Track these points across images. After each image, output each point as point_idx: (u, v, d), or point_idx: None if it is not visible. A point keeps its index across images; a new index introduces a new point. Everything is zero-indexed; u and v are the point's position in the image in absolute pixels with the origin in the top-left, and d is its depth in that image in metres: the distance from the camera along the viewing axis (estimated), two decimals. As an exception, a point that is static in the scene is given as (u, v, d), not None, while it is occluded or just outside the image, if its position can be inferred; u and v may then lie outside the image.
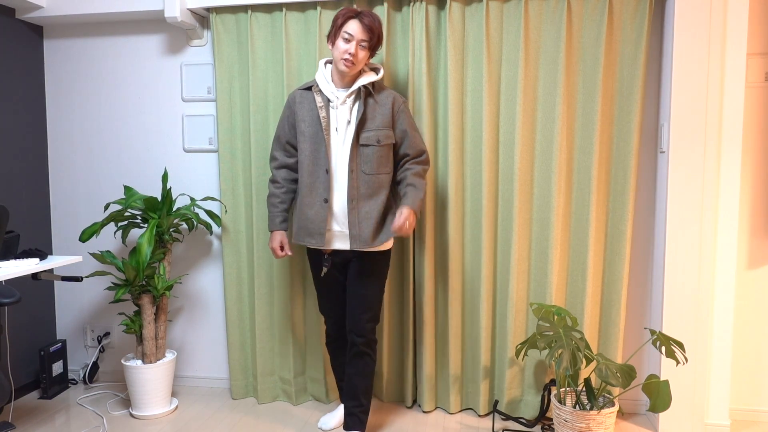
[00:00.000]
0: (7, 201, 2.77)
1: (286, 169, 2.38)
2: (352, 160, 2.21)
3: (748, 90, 2.46)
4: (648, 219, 2.57)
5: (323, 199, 2.24)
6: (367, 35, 2.16)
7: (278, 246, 2.38)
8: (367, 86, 2.24)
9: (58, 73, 2.98)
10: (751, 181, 2.50)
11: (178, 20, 2.59)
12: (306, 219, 2.27)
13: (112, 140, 2.96)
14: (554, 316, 2.35)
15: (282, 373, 2.80)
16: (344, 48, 2.16)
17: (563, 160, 2.47)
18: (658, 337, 2.19)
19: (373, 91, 2.26)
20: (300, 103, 2.30)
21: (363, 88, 2.24)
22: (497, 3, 2.47)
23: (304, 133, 2.27)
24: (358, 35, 2.15)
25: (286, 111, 2.35)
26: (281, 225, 2.38)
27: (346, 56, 2.15)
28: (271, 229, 2.39)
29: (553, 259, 2.50)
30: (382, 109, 2.25)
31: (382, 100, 2.26)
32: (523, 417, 2.60)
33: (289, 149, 2.36)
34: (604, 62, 2.42)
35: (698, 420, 2.42)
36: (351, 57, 2.15)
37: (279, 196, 2.38)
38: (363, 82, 2.23)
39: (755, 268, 2.52)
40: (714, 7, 2.30)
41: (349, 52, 2.15)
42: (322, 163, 2.24)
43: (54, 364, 2.91)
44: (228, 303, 2.79)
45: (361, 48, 2.17)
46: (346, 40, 2.16)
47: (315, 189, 2.26)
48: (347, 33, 2.16)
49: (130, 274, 2.55)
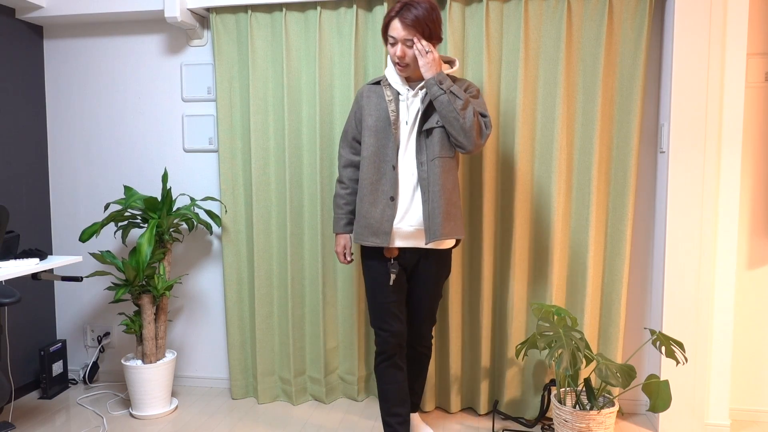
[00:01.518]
0: (7, 201, 2.77)
1: (351, 168, 2.22)
2: (420, 151, 2.06)
3: (748, 90, 2.46)
4: (648, 219, 2.57)
5: (389, 197, 2.08)
6: (412, 32, 1.98)
7: (342, 250, 2.25)
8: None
9: (58, 73, 2.98)
10: (751, 181, 2.49)
11: (178, 20, 2.59)
12: (370, 218, 2.09)
13: (112, 140, 2.96)
14: (554, 316, 2.35)
15: (282, 373, 2.80)
16: (392, 53, 2.04)
17: (563, 160, 2.47)
18: (658, 337, 2.19)
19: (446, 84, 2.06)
20: (368, 98, 2.15)
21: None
22: (497, 3, 2.47)
23: (370, 128, 2.12)
24: (401, 35, 1.99)
25: (354, 106, 2.21)
26: (346, 228, 2.23)
27: (396, 60, 2.04)
28: (336, 231, 2.25)
29: (553, 259, 2.50)
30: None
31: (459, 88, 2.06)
32: (523, 417, 2.60)
33: (355, 146, 2.21)
34: (604, 62, 2.42)
35: (698, 420, 2.42)
36: (399, 60, 2.03)
37: (344, 197, 2.23)
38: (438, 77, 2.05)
39: (755, 268, 2.52)
40: (714, 7, 2.30)
41: (397, 56, 2.02)
42: (389, 158, 2.08)
43: (54, 364, 2.91)
44: (228, 303, 2.79)
45: (408, 45, 2.01)
46: (391, 44, 2.04)
47: (380, 186, 2.09)
48: (391, 36, 2.03)
49: (130, 274, 2.55)
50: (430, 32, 2.01)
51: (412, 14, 1.97)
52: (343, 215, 2.24)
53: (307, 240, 2.72)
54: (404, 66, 2.05)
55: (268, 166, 2.72)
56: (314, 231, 2.70)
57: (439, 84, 1.99)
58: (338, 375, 2.81)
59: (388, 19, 2.04)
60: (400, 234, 2.10)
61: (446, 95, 1.98)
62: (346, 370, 2.78)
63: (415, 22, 1.97)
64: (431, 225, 2.04)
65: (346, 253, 2.27)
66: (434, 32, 2.02)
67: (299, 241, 2.72)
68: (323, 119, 2.63)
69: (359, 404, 2.77)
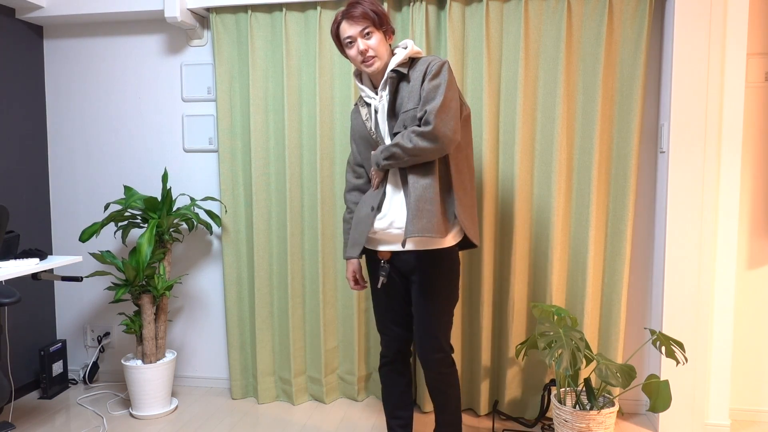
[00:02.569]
0: (7, 201, 2.77)
1: (356, 191, 2.12)
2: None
3: (748, 90, 2.46)
4: (648, 219, 2.57)
5: (371, 207, 1.97)
6: (364, 23, 1.89)
7: (352, 276, 2.12)
8: (396, 70, 1.91)
9: (58, 73, 2.98)
10: (751, 181, 2.49)
11: (178, 20, 2.59)
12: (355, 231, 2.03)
13: (112, 140, 2.96)
14: (554, 316, 2.35)
15: (282, 373, 2.80)
16: (354, 54, 1.92)
17: (563, 160, 2.47)
18: (658, 337, 2.19)
19: (407, 72, 1.92)
20: (355, 119, 2.06)
21: (393, 73, 1.91)
22: (497, 3, 2.47)
23: (361, 152, 2.07)
24: (356, 31, 1.89)
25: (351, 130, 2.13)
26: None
27: (362, 58, 1.90)
28: (345, 257, 2.10)
29: (553, 259, 2.50)
30: (413, 85, 1.89)
31: (415, 76, 1.90)
32: (523, 417, 2.60)
33: (357, 170, 2.12)
34: (604, 62, 2.42)
35: (698, 420, 2.42)
36: (364, 55, 1.90)
37: (349, 222, 2.13)
38: (390, 68, 1.91)
39: (755, 268, 2.52)
40: (714, 7, 2.30)
41: (361, 52, 1.89)
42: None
43: (54, 364, 2.91)
44: (228, 303, 2.79)
45: (367, 37, 1.89)
46: (349, 45, 1.92)
47: (365, 201, 2.02)
48: (346, 38, 1.91)
49: (130, 274, 2.55)
50: (380, 20, 1.91)
51: (357, 9, 1.89)
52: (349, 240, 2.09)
53: (307, 240, 2.72)
54: (372, 60, 1.90)
55: (268, 166, 2.72)
56: (314, 231, 2.70)
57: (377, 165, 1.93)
58: (338, 375, 2.81)
59: (335, 26, 1.95)
60: (389, 238, 1.96)
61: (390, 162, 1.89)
62: (346, 370, 2.78)
63: (364, 14, 1.89)
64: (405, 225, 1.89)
65: (357, 278, 2.13)
66: (384, 20, 1.92)
67: (299, 241, 2.72)
68: (323, 119, 2.63)
69: (359, 404, 2.77)
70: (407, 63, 1.94)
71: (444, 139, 1.83)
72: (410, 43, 1.95)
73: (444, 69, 1.87)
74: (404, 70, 1.91)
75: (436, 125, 1.82)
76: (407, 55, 1.92)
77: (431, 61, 1.89)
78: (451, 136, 1.84)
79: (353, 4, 1.91)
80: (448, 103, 1.84)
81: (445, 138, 1.83)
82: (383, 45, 1.92)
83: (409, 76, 1.91)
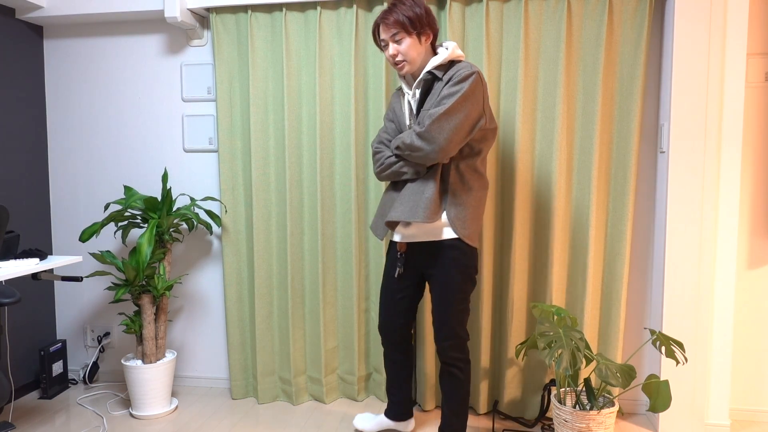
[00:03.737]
0: (7, 201, 2.77)
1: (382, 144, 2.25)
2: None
3: (748, 90, 2.46)
4: (648, 219, 2.57)
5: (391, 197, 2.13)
6: (394, 28, 1.99)
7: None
8: (432, 72, 2.01)
9: (58, 73, 2.98)
10: (751, 181, 2.49)
11: (178, 20, 2.59)
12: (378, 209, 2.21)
13: (112, 140, 2.96)
14: (554, 316, 2.35)
15: (282, 373, 2.80)
16: (387, 56, 2.05)
17: (563, 160, 2.47)
18: (658, 337, 2.19)
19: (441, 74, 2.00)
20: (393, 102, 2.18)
21: (427, 75, 2.01)
22: (497, 3, 2.47)
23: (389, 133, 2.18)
24: (388, 35, 2.01)
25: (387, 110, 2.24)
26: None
27: (394, 61, 2.04)
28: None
29: (553, 259, 2.50)
30: (440, 87, 1.98)
31: (445, 79, 1.98)
32: (523, 417, 2.60)
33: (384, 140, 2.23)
34: (604, 62, 2.42)
35: (698, 420, 2.42)
36: (394, 59, 2.03)
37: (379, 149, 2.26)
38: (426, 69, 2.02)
39: (755, 268, 2.52)
40: (714, 7, 2.30)
41: (391, 55, 2.03)
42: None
43: (54, 364, 2.91)
44: (228, 303, 2.79)
45: (398, 42, 2.00)
46: (384, 47, 2.06)
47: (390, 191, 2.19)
48: (382, 41, 2.05)
49: (130, 274, 2.55)
50: (413, 25, 1.98)
51: (391, 15, 1.99)
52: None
53: (307, 240, 2.72)
54: (402, 63, 2.03)
55: (268, 166, 2.72)
56: (314, 231, 2.70)
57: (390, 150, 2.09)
58: (338, 375, 2.81)
59: (373, 30, 2.09)
60: (401, 229, 2.11)
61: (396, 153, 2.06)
62: (346, 370, 2.78)
63: (396, 20, 1.98)
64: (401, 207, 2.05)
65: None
66: (417, 24, 1.98)
67: (299, 241, 2.72)
68: (323, 119, 2.63)
69: (359, 404, 2.77)
70: (445, 65, 2.01)
71: (433, 142, 1.92)
72: (452, 45, 2.03)
73: (468, 80, 1.92)
74: (439, 74, 1.99)
75: (428, 128, 1.91)
76: (447, 58, 2.00)
77: (462, 68, 1.96)
78: (442, 143, 1.91)
79: (390, 8, 2.02)
80: (453, 112, 1.90)
81: (434, 142, 1.91)
82: (415, 49, 2.01)
83: (443, 79, 1.98)
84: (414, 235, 2.09)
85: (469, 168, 2.04)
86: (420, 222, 1.99)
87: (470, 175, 2.05)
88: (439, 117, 1.90)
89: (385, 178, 2.13)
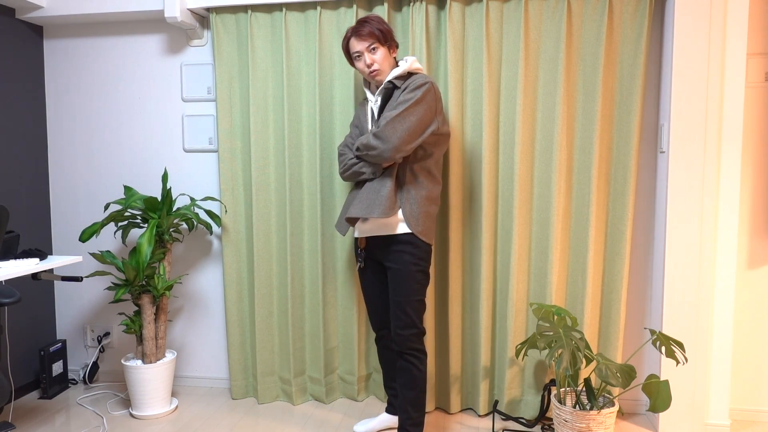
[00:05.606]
0: (7, 201, 2.77)
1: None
2: None
3: (748, 90, 2.46)
4: (648, 219, 2.57)
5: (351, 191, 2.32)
6: (369, 40, 2.18)
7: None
8: (392, 81, 2.19)
9: (58, 73, 2.98)
10: (751, 181, 2.50)
11: (178, 20, 2.59)
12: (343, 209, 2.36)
13: (112, 140, 2.96)
14: (554, 316, 2.35)
15: (282, 373, 2.80)
16: (362, 66, 2.21)
17: (563, 160, 2.47)
18: (658, 337, 2.19)
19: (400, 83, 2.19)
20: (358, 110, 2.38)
21: (388, 84, 2.20)
22: (497, 3, 2.47)
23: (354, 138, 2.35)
24: (363, 47, 2.19)
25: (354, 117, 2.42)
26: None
27: (368, 71, 2.20)
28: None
29: (553, 259, 2.50)
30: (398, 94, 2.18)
31: (403, 87, 2.18)
32: (523, 417, 2.60)
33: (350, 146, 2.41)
34: (604, 62, 2.42)
35: (698, 420, 2.42)
36: (370, 68, 2.19)
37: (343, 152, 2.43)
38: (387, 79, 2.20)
39: (755, 268, 2.52)
40: (714, 7, 2.30)
41: (367, 65, 2.19)
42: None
43: (54, 364, 2.91)
44: (228, 303, 2.79)
45: (373, 52, 2.19)
46: (357, 58, 2.22)
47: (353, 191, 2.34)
48: (354, 53, 2.22)
49: (130, 274, 2.55)
50: (385, 37, 2.20)
51: (366, 27, 2.18)
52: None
53: (307, 240, 2.72)
54: (377, 72, 2.19)
55: (268, 166, 2.72)
56: (314, 231, 2.70)
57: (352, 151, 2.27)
58: (338, 375, 2.81)
59: (345, 42, 2.25)
60: (359, 225, 2.26)
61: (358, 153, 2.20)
62: (346, 370, 2.78)
63: (370, 33, 2.18)
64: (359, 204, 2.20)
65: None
66: (388, 36, 2.21)
67: (299, 241, 2.72)
68: (323, 119, 2.63)
69: (359, 404, 2.77)
70: (405, 76, 2.21)
71: (387, 142, 2.08)
72: (411, 60, 2.22)
73: (422, 88, 2.11)
74: (399, 83, 2.18)
75: (383, 128, 2.09)
76: (406, 69, 2.19)
77: (417, 78, 2.16)
78: (395, 142, 2.08)
79: (362, 22, 2.21)
80: (407, 115, 2.09)
81: (388, 141, 2.08)
82: (387, 59, 2.22)
83: (401, 87, 2.17)
84: (371, 230, 2.23)
85: (423, 169, 2.19)
86: (376, 218, 2.14)
87: (424, 176, 2.20)
88: (393, 119, 2.08)
89: (347, 178, 2.28)
